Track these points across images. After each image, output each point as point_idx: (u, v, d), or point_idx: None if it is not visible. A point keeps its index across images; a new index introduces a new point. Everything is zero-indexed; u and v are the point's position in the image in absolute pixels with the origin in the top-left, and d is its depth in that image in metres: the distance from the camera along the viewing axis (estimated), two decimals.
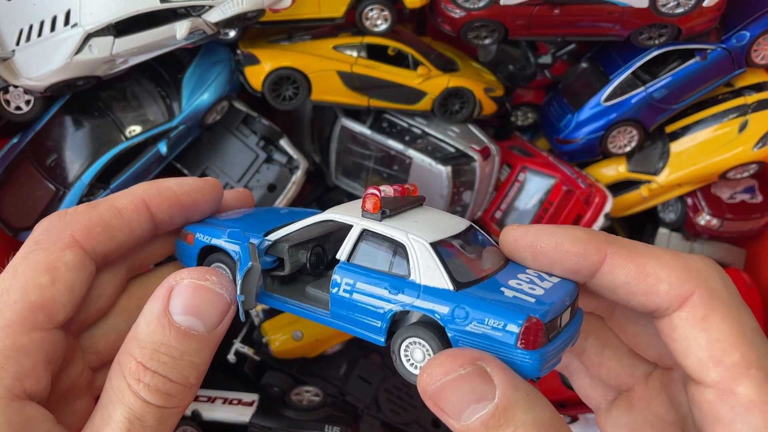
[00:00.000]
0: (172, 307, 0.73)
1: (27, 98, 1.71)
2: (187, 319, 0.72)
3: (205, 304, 0.74)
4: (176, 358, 0.71)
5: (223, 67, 1.79)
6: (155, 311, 0.73)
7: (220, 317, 0.75)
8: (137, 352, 0.71)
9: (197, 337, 0.73)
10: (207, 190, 0.88)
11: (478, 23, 1.78)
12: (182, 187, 0.86)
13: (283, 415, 1.70)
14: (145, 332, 0.72)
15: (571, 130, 1.98)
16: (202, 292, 0.74)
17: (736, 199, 2.06)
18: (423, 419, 1.87)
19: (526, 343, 0.69)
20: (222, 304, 0.75)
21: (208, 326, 0.73)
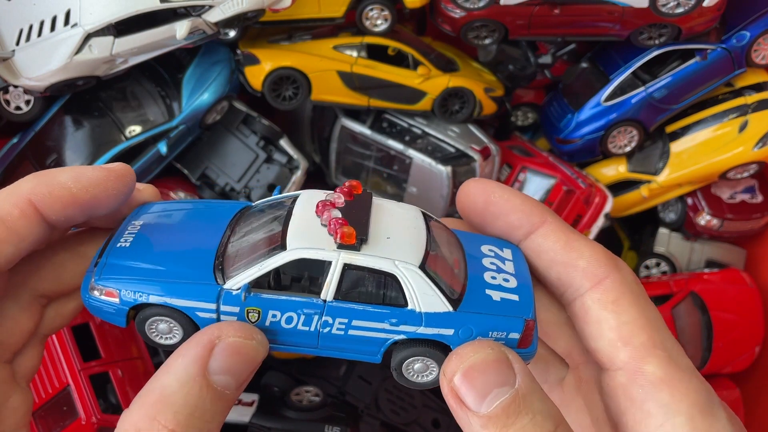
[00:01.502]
0: (213, 366, 0.65)
1: (27, 98, 1.71)
2: (224, 379, 0.66)
3: (244, 364, 0.68)
4: (210, 422, 0.65)
5: (223, 67, 1.79)
6: (192, 371, 0.65)
7: (250, 374, 0.69)
8: (169, 418, 0.63)
9: (229, 396, 0.67)
10: (111, 183, 0.75)
11: (478, 23, 1.78)
12: (79, 183, 0.73)
13: (283, 415, 1.70)
14: (179, 395, 0.64)
15: (572, 130, 1.98)
16: (245, 351, 0.68)
17: (736, 199, 2.06)
18: (423, 419, 1.87)
19: (525, 343, 0.72)
20: (253, 363, 0.69)
21: (239, 384, 0.68)
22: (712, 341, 1.93)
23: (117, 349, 1.69)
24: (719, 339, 1.93)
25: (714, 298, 1.95)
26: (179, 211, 0.84)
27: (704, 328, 1.94)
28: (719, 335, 1.93)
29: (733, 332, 1.95)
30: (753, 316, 1.96)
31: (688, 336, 1.93)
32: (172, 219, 0.82)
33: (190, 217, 0.84)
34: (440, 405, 1.91)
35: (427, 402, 1.90)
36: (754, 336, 1.95)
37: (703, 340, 1.93)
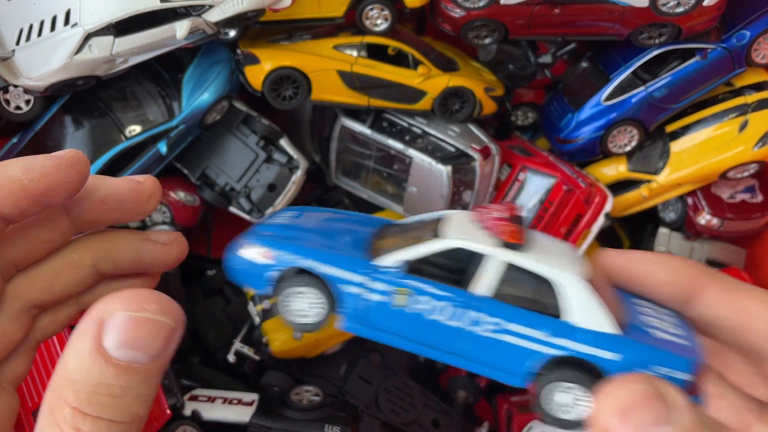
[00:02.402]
0: (107, 343, 0.61)
1: (27, 98, 1.71)
2: (127, 353, 0.62)
3: (146, 336, 0.63)
4: (119, 397, 0.61)
5: (223, 66, 1.79)
6: (85, 349, 0.61)
7: (164, 343, 0.64)
8: (71, 397, 0.60)
9: (141, 369, 0.62)
10: (64, 171, 0.72)
11: (478, 23, 1.78)
12: (30, 173, 0.70)
13: (283, 414, 1.70)
14: (76, 371, 0.61)
15: (572, 130, 1.98)
16: (141, 324, 0.63)
17: (736, 198, 2.06)
18: (423, 419, 1.87)
19: (693, 390, 0.67)
20: (166, 330, 0.64)
21: (151, 355, 0.63)
22: None
23: None
24: None
25: None
26: (328, 212, 0.87)
27: None
28: None
29: None
30: None
31: None
32: (323, 215, 0.85)
33: (340, 217, 0.86)
34: (440, 405, 1.91)
35: (427, 402, 1.90)
36: None
37: None
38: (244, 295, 2.00)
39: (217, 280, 2.05)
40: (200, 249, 2.16)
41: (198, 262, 2.13)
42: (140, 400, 0.62)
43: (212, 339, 2.04)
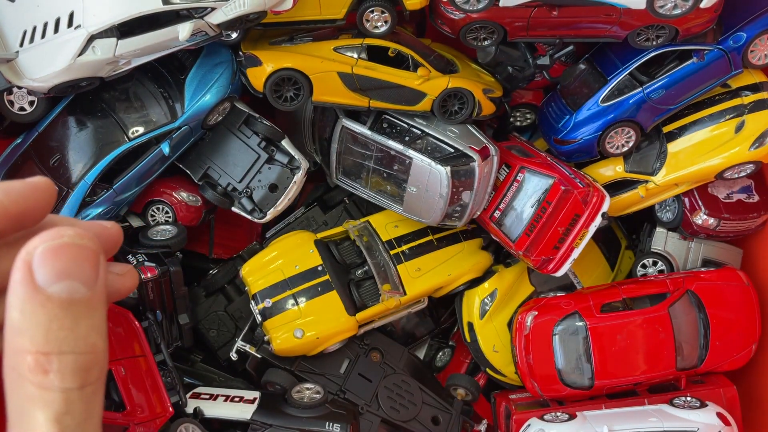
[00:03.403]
0: (41, 280, 0.61)
1: (31, 99, 1.72)
2: (64, 286, 0.61)
3: (73, 261, 0.62)
4: (72, 328, 0.61)
5: (225, 68, 1.80)
6: (23, 294, 0.61)
7: (93, 268, 0.63)
8: (27, 344, 0.60)
9: (82, 301, 0.62)
10: (38, 195, 0.71)
11: (477, 25, 1.80)
12: (9, 196, 0.69)
13: (284, 412, 1.72)
14: (23, 321, 0.61)
15: (570, 131, 1.99)
16: (64, 250, 0.62)
17: (732, 198, 2.07)
18: (422, 416, 1.89)
19: None
20: (89, 254, 0.63)
21: (88, 284, 0.62)
22: (709, 339, 1.95)
23: (119, 347, 1.70)
24: (716, 337, 1.95)
25: (711, 296, 1.97)
26: None
27: (701, 326, 1.96)
28: (716, 333, 1.95)
29: (730, 330, 1.96)
30: (749, 314, 1.97)
31: (685, 334, 1.95)
32: None
33: None
34: (439, 402, 1.93)
35: (426, 399, 1.92)
36: (751, 334, 1.97)
37: (700, 338, 1.95)
38: (245, 295, 2.02)
39: (219, 279, 2.07)
40: (202, 248, 2.18)
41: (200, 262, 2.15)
42: (93, 329, 0.62)
43: (214, 337, 2.06)
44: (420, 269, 1.98)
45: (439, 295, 2.07)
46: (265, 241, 2.13)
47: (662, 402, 1.87)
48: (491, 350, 2.06)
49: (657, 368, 1.92)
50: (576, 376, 1.93)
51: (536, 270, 2.00)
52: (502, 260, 2.16)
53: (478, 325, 2.07)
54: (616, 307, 1.96)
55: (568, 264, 1.93)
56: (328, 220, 2.17)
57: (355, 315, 1.88)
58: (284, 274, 1.90)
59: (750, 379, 2.03)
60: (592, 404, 1.92)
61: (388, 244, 1.99)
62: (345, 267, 1.98)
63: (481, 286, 2.07)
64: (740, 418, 1.90)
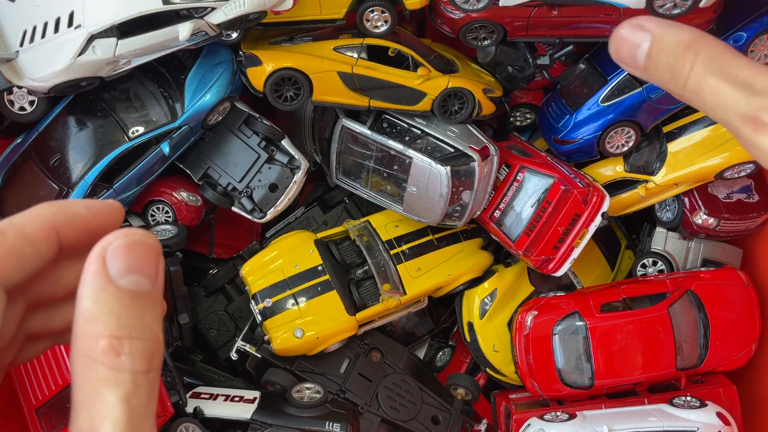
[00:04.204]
0: (113, 273, 0.68)
1: (31, 99, 1.72)
2: (133, 280, 0.68)
3: (142, 257, 0.69)
4: (141, 318, 0.67)
5: (225, 68, 1.81)
6: (98, 284, 0.68)
7: (156, 266, 0.71)
8: (101, 328, 0.66)
9: (147, 294, 0.69)
10: (114, 214, 0.81)
11: (477, 24, 1.80)
12: (92, 211, 0.79)
13: (284, 412, 1.72)
14: (99, 309, 0.67)
15: (569, 131, 1.99)
16: (135, 247, 0.70)
17: (732, 198, 2.07)
18: (422, 416, 1.89)
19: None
20: (154, 252, 0.71)
21: (152, 280, 0.70)
22: (709, 339, 1.95)
23: None
24: (716, 337, 1.95)
25: (711, 296, 1.97)
26: None
27: (701, 326, 1.96)
28: (716, 333, 1.95)
29: (730, 330, 1.96)
30: (749, 314, 1.98)
31: (685, 334, 1.95)
32: None
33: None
34: (439, 402, 1.93)
35: (426, 399, 1.92)
36: (751, 334, 1.97)
37: (700, 338, 1.95)
38: (245, 294, 2.02)
39: (219, 279, 2.07)
40: (202, 248, 2.18)
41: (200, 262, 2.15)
42: (155, 321, 0.68)
43: (214, 337, 2.06)
44: (420, 269, 1.99)
45: (439, 294, 2.07)
46: (265, 240, 2.13)
47: (662, 402, 1.87)
48: (491, 350, 2.06)
49: (657, 368, 1.92)
50: (576, 375, 1.94)
51: (536, 270, 2.00)
52: (502, 260, 2.16)
53: (478, 324, 2.07)
54: (616, 306, 1.96)
55: (568, 264, 1.93)
56: (328, 219, 2.18)
57: (355, 315, 1.89)
58: (284, 273, 1.90)
59: (750, 378, 2.03)
60: (592, 404, 1.92)
61: (388, 244, 1.99)
62: (345, 267, 1.98)
63: (481, 285, 2.08)
64: (740, 418, 1.90)
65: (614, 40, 0.79)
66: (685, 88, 0.75)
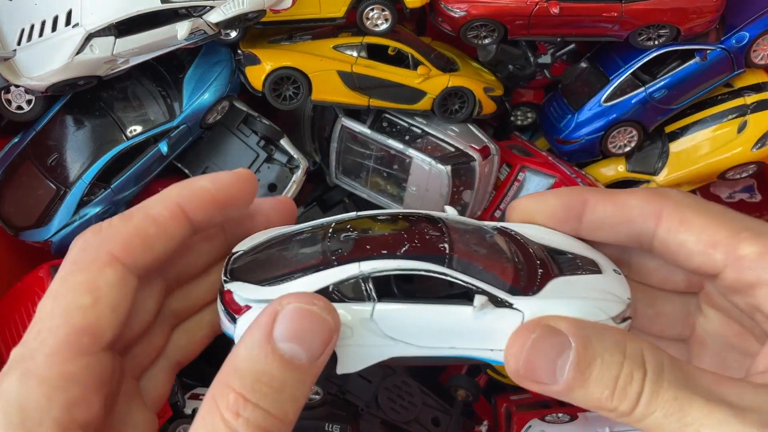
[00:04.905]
0: (277, 333, 0.68)
1: (28, 98, 1.71)
2: (291, 347, 0.68)
3: (311, 331, 0.69)
4: (278, 390, 0.67)
5: (223, 67, 1.80)
6: (257, 338, 0.68)
7: (323, 346, 0.70)
8: (236, 383, 0.66)
9: (300, 368, 0.68)
10: (242, 183, 0.84)
11: (478, 23, 1.79)
12: (216, 184, 0.82)
13: None
14: (245, 361, 0.68)
15: (571, 131, 1.98)
16: (309, 317, 0.69)
17: (734, 198, 2.07)
18: (423, 418, 1.88)
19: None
20: (327, 331, 0.71)
21: (311, 356, 0.69)
22: None
23: None
24: None
25: None
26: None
27: None
28: None
29: None
30: None
31: None
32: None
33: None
34: (440, 403, 1.92)
35: (427, 400, 1.91)
36: None
37: None
38: None
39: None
40: None
41: None
42: (293, 400, 0.68)
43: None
44: None
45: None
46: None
47: None
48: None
49: None
50: None
51: None
52: None
53: None
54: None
55: None
56: None
57: None
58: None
59: None
60: None
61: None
62: None
63: None
64: None
65: (517, 349, 0.73)
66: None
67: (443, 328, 0.80)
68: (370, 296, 0.78)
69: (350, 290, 0.78)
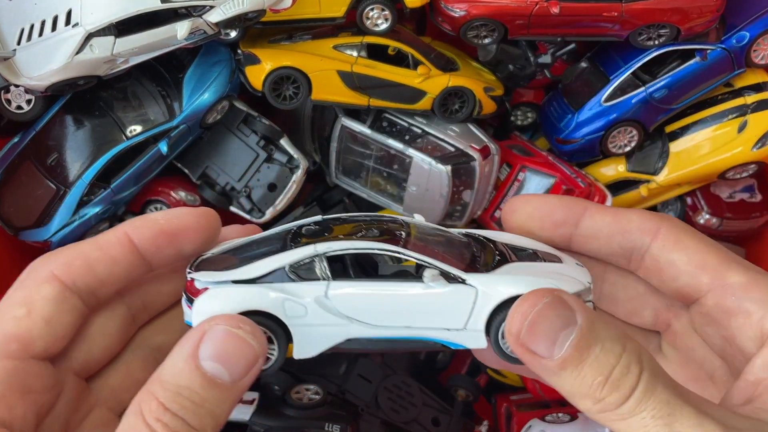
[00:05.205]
0: (202, 351, 0.72)
1: (28, 98, 1.71)
2: (214, 366, 0.71)
3: (235, 354, 0.72)
4: (197, 404, 0.70)
5: (223, 66, 1.79)
6: (184, 353, 0.72)
7: (246, 369, 0.73)
8: (160, 393, 0.70)
9: (221, 386, 0.72)
10: (195, 218, 0.87)
11: (478, 23, 1.79)
12: (168, 217, 0.86)
13: (283, 413, 1.71)
14: (170, 373, 0.72)
15: (572, 130, 1.98)
16: (234, 340, 0.73)
17: (735, 198, 2.06)
18: (423, 418, 1.88)
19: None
20: (251, 355, 0.74)
21: (233, 377, 0.72)
22: None
23: None
24: None
25: None
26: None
27: None
28: None
29: None
30: None
31: None
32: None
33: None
34: (440, 404, 1.92)
35: (427, 401, 1.91)
36: None
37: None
38: None
39: None
40: None
41: None
42: (211, 416, 0.71)
43: None
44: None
45: None
46: None
47: None
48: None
49: None
50: None
51: None
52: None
53: None
54: None
55: None
56: None
57: None
58: None
59: None
60: None
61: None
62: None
63: None
64: None
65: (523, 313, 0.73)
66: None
67: (397, 306, 0.81)
68: (325, 275, 0.81)
69: (305, 270, 0.81)
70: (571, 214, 0.88)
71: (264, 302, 0.79)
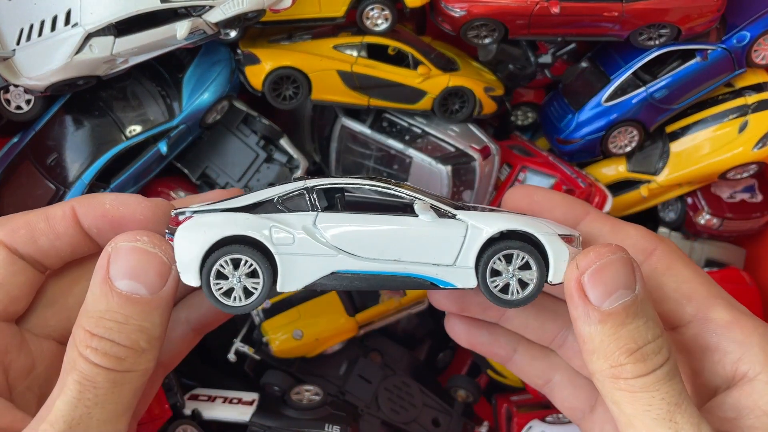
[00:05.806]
0: (112, 273, 0.74)
1: (27, 98, 1.71)
2: (128, 284, 0.73)
3: (142, 267, 0.74)
4: (122, 323, 0.73)
5: (223, 66, 1.79)
6: (98, 279, 0.75)
7: (159, 278, 0.75)
8: (84, 322, 0.73)
9: (141, 301, 0.74)
10: (140, 206, 0.87)
11: (478, 22, 1.78)
12: (113, 202, 0.87)
13: (283, 414, 1.71)
14: (90, 302, 0.75)
15: (572, 130, 1.98)
16: (138, 254, 0.74)
17: (735, 198, 2.06)
18: (423, 418, 1.88)
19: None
20: (158, 264, 0.75)
21: (150, 289, 0.74)
22: None
23: None
24: None
25: None
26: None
27: None
28: None
29: None
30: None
31: None
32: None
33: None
34: (440, 404, 1.92)
35: (427, 401, 1.90)
36: None
37: None
38: None
39: None
40: None
41: None
42: (141, 331, 0.73)
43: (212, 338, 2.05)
44: None
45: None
46: None
47: None
48: None
49: None
50: None
51: None
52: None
53: None
54: None
55: None
56: None
57: (355, 316, 1.87)
58: None
59: None
60: None
61: None
62: None
63: None
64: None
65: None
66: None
67: (387, 239, 0.80)
68: (314, 206, 0.81)
69: (295, 203, 0.82)
70: (572, 214, 0.89)
71: (250, 225, 0.78)
